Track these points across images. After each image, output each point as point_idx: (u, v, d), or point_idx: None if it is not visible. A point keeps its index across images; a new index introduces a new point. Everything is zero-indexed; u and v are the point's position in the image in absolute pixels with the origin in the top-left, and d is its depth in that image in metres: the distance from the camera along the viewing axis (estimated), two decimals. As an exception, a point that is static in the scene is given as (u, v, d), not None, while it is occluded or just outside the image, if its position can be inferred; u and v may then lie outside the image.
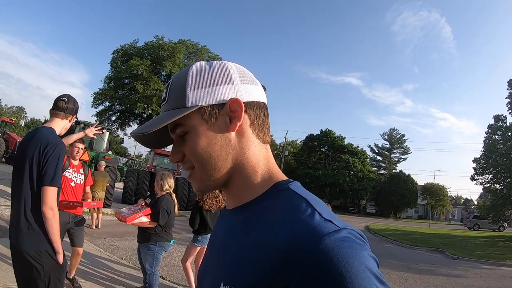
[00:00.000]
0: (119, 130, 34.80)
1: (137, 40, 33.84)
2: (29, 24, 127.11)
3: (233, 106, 0.63)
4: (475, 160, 27.99)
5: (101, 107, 33.69)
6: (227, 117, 0.64)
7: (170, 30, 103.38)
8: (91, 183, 4.99)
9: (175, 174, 16.44)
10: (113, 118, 34.92)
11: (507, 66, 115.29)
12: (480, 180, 27.71)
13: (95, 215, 8.78)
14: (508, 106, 25.45)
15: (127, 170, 17.26)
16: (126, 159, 32.78)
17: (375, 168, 59.04)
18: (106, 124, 31.41)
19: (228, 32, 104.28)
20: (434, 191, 48.75)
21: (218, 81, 0.64)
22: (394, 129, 63.63)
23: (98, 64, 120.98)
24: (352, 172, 50.13)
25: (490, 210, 26.27)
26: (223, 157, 0.64)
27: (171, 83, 0.68)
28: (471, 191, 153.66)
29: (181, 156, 0.67)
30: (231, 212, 0.69)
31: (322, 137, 51.84)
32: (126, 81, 32.41)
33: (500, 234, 26.68)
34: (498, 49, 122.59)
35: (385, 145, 63.07)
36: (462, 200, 79.19)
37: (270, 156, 0.69)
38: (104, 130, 15.39)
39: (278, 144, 52.13)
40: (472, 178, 28.05)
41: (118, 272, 5.40)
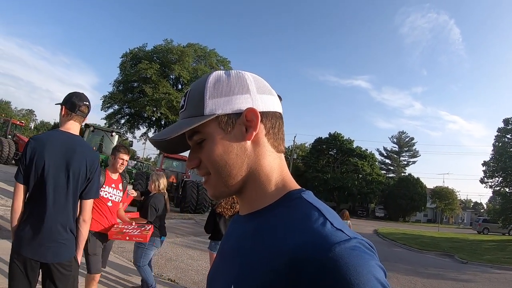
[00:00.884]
0: (128, 133, 35.15)
1: (146, 44, 34.57)
2: (38, 27, 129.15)
3: (249, 115, 0.65)
4: (484, 163, 27.82)
5: (110, 110, 34.27)
6: (243, 126, 0.66)
7: (179, 33, 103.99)
8: (127, 202, 4.58)
9: (184, 177, 16.57)
10: (122, 121, 35.42)
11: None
12: (489, 183, 27.54)
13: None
14: (518, 109, 25.23)
15: (136, 173, 17.38)
16: (135, 162, 32.92)
17: (384, 172, 58.77)
18: (115, 127, 31.67)
19: (236, 34, 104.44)
20: (443, 195, 48.04)
21: (235, 91, 0.66)
22: (403, 132, 63.66)
23: (107, 66, 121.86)
24: (360, 176, 49.95)
25: (500, 213, 26.06)
26: (238, 165, 0.66)
27: (189, 92, 0.70)
28: (481, 194, 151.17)
29: (197, 162, 0.69)
30: (244, 218, 0.71)
31: (331, 140, 51.67)
32: (135, 85, 32.83)
33: (510, 238, 26.24)
34: (508, 51, 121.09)
35: (394, 148, 62.97)
36: (472, 204, 78.29)
37: (284, 165, 0.71)
38: (113, 133, 15.58)
39: (287, 147, 51.70)
40: (482, 181, 27.86)
41: (127, 274, 5.46)
